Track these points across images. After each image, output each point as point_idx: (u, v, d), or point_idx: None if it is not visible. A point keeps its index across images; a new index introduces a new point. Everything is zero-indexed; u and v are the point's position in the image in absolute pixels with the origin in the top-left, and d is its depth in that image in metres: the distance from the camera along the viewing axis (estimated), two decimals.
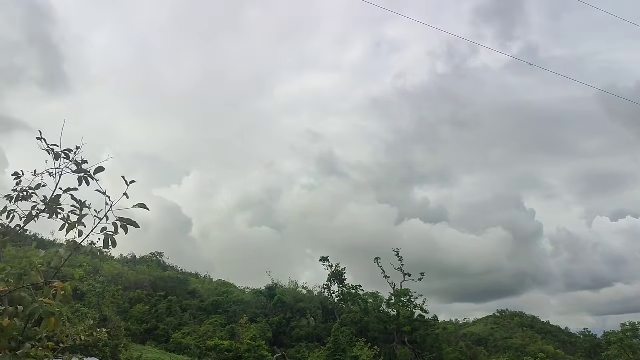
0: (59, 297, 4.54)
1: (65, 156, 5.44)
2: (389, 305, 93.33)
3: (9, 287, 4.32)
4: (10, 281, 4.32)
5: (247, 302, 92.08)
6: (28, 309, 4.36)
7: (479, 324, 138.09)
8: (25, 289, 4.35)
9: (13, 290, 4.33)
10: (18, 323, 4.61)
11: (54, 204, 5.33)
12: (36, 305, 4.31)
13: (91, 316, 46.30)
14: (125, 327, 57.77)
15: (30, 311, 4.33)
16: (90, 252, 4.80)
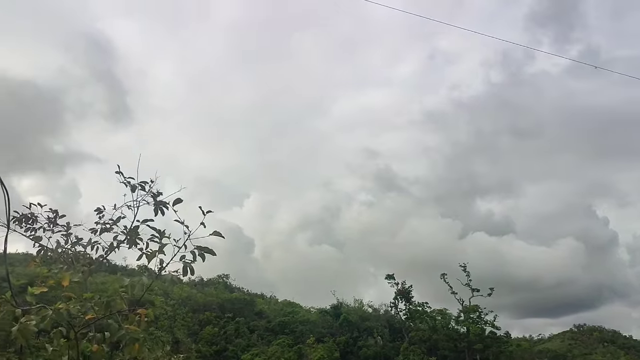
0: (142, 323, 4.75)
1: (141, 188, 5.73)
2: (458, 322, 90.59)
3: (97, 315, 4.56)
4: (98, 309, 4.56)
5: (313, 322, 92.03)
6: (115, 335, 4.59)
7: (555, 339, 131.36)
8: (112, 316, 4.59)
9: (101, 317, 4.57)
10: (105, 349, 4.87)
11: (133, 235, 5.61)
12: (122, 331, 4.53)
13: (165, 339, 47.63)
14: (196, 349, 59.10)
15: (117, 337, 4.56)
16: (170, 279, 5.01)
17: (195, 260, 4.75)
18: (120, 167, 5.64)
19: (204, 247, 4.73)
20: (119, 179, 5.80)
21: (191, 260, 4.76)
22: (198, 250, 4.75)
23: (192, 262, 4.75)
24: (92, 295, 4.60)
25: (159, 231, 5.02)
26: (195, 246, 4.76)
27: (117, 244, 5.70)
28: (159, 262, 4.97)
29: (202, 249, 4.73)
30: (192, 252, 4.75)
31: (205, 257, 4.79)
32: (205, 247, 4.73)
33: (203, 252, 4.74)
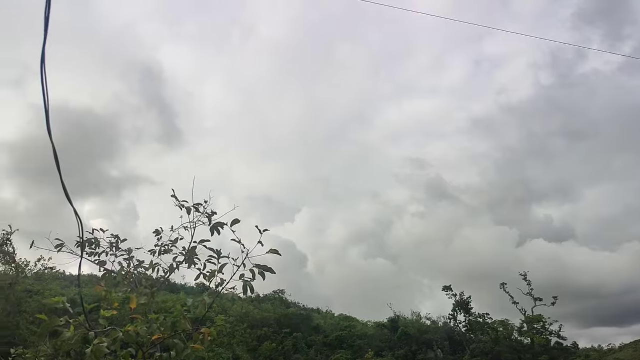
0: (205, 342, 4.87)
1: (195, 210, 5.92)
2: (521, 332, 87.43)
3: (164, 335, 4.71)
4: (164, 329, 4.72)
5: (370, 336, 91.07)
6: (180, 354, 4.72)
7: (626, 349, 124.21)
8: (177, 335, 4.73)
9: (167, 337, 4.72)
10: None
11: (191, 255, 5.79)
12: (188, 350, 4.66)
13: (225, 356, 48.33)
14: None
15: (183, 356, 4.69)
16: (231, 298, 5.12)
17: (254, 278, 4.84)
18: (174, 190, 5.85)
19: (263, 265, 4.82)
20: (174, 202, 6.02)
21: (250, 278, 4.85)
22: (257, 268, 4.84)
23: (251, 280, 4.84)
24: (157, 316, 4.76)
25: (216, 251, 5.15)
26: (254, 264, 4.85)
27: (176, 265, 5.90)
28: (218, 280, 5.10)
29: (262, 267, 4.82)
30: (251, 271, 4.85)
31: (265, 275, 4.87)
32: (264, 266, 4.81)
33: (262, 270, 4.82)
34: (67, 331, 4.22)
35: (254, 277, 4.85)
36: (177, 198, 5.68)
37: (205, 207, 5.72)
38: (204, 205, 5.72)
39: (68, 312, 4.45)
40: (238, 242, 4.96)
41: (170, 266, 5.90)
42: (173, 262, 5.88)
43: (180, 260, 5.81)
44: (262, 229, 4.96)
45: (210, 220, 5.62)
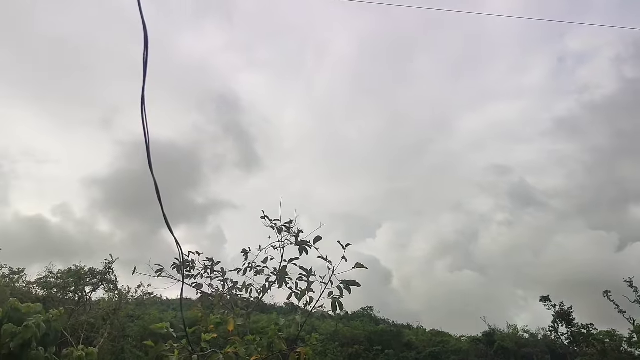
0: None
1: (286, 230, 6.07)
2: (631, 344, 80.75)
3: (261, 356, 4.85)
4: (261, 350, 4.86)
5: (465, 351, 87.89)
6: None
7: None
8: (274, 356, 4.85)
9: (264, 358, 4.86)
10: None
11: (282, 275, 5.93)
12: None
13: None
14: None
15: None
16: (321, 316, 5.19)
17: (342, 295, 4.89)
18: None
19: (349, 280, 4.86)
20: (265, 223, 6.22)
21: (339, 295, 4.90)
22: (343, 284, 4.88)
23: (340, 297, 4.89)
24: (253, 337, 4.91)
25: (307, 270, 5.26)
26: (341, 280, 4.90)
27: (269, 285, 6.06)
28: (308, 299, 5.18)
29: (347, 282, 4.86)
30: (339, 287, 4.90)
31: (351, 289, 4.90)
32: (350, 280, 4.86)
33: (348, 285, 4.86)
34: (172, 355, 4.45)
35: (342, 294, 4.90)
36: (269, 219, 5.88)
37: (292, 226, 5.87)
38: (291, 225, 5.87)
39: (171, 336, 4.69)
40: (324, 260, 5.04)
41: (264, 287, 6.07)
42: (266, 283, 6.05)
43: (272, 281, 5.96)
44: (345, 244, 5.01)
45: (297, 239, 5.75)
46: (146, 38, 2.54)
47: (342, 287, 4.90)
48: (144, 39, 2.54)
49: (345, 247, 5.00)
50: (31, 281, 38.48)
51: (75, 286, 37.00)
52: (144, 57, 2.53)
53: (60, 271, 38.10)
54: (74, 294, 37.57)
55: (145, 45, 2.52)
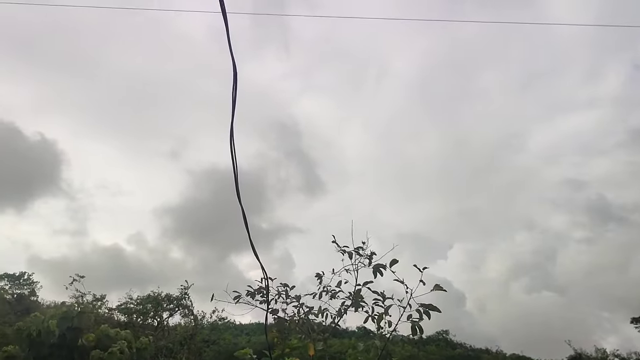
0: None
1: (357, 253, 6.10)
2: None
3: None
4: None
5: None
6: None
7: None
8: None
9: None
10: None
11: (357, 298, 5.93)
12: None
13: None
14: None
15: None
16: (400, 340, 5.14)
17: (422, 318, 4.83)
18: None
19: (429, 304, 4.80)
20: (336, 248, 6.27)
21: (418, 318, 4.85)
22: (423, 308, 4.83)
23: (419, 321, 4.84)
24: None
25: (381, 294, 5.24)
26: (420, 304, 4.85)
27: (344, 310, 6.06)
28: (387, 323, 5.16)
29: (427, 307, 4.80)
30: (418, 311, 4.85)
31: (430, 315, 4.83)
32: (430, 305, 4.79)
33: (427, 309, 4.80)
34: None
35: (421, 318, 4.84)
36: (338, 245, 5.94)
37: (364, 249, 5.89)
38: (363, 247, 5.89)
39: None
40: (401, 283, 5.01)
41: (339, 311, 6.08)
42: (341, 307, 6.06)
43: (347, 305, 5.97)
44: (421, 268, 4.97)
45: (371, 261, 5.75)
46: (235, 74, 2.70)
47: (421, 310, 4.84)
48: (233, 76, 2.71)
49: (422, 270, 4.94)
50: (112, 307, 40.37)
51: (154, 311, 38.43)
52: (233, 92, 2.69)
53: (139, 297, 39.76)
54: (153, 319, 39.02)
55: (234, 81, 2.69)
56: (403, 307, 4.97)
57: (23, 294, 48.87)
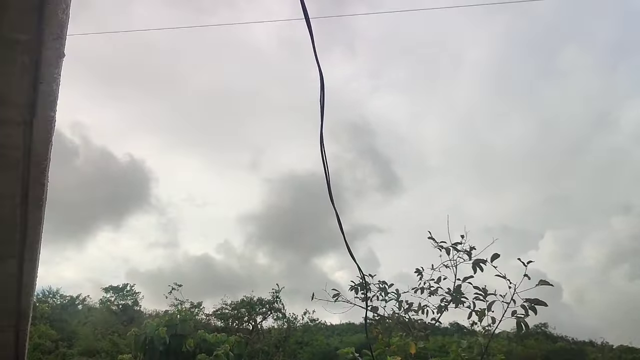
0: None
1: (454, 249, 5.96)
2: None
3: None
4: None
5: None
6: None
7: None
8: None
9: None
10: None
11: (458, 294, 5.80)
12: None
13: None
14: None
15: None
16: (506, 337, 4.97)
17: (527, 314, 4.64)
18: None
19: (534, 299, 4.60)
20: (432, 244, 6.17)
21: (523, 314, 4.66)
22: (528, 303, 4.63)
23: (524, 317, 4.65)
24: (437, 359, 4.86)
25: (483, 289, 5.09)
26: (524, 299, 4.66)
27: (445, 306, 5.95)
28: (489, 320, 5.00)
29: (532, 302, 4.60)
30: (523, 307, 4.66)
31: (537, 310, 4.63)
32: (535, 299, 4.59)
33: (533, 304, 4.59)
34: None
35: (527, 313, 4.64)
36: (435, 240, 5.84)
37: (463, 243, 5.75)
38: (462, 242, 5.76)
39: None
40: (503, 278, 4.84)
41: (439, 307, 5.99)
42: (441, 303, 5.96)
43: (448, 301, 5.86)
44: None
45: (470, 256, 5.60)
46: (322, 81, 2.74)
47: (526, 306, 4.65)
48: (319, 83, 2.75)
49: (527, 264, 4.75)
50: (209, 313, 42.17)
51: (248, 316, 39.69)
52: (321, 99, 2.73)
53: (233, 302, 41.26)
54: (248, 323, 40.34)
55: (321, 88, 2.73)
56: (507, 302, 4.79)
57: (127, 304, 52.13)
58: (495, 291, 4.96)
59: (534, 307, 4.66)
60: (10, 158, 3.11)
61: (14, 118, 2.79)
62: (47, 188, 3.50)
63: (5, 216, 3.60)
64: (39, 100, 2.72)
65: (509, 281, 4.82)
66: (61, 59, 2.58)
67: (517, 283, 4.79)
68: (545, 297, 5.00)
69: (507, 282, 4.84)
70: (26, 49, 2.44)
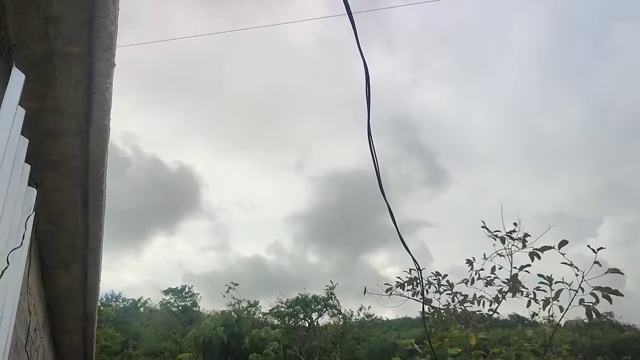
0: None
1: (509, 237, 5.79)
2: None
3: None
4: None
5: None
6: None
7: None
8: None
9: None
10: None
11: (515, 283, 5.63)
12: None
13: None
14: None
15: None
16: (575, 326, 4.79)
17: (598, 301, 4.44)
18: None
19: (607, 287, 4.39)
20: (487, 234, 6.01)
21: (592, 302, 4.46)
22: (600, 291, 4.43)
23: (594, 304, 4.45)
24: (499, 350, 4.73)
25: (548, 277, 4.91)
26: (594, 287, 4.46)
27: (502, 296, 5.79)
28: (554, 309, 4.83)
29: (606, 290, 4.39)
30: (593, 294, 4.46)
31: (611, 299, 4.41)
32: (607, 288, 4.38)
33: (607, 293, 4.38)
34: None
35: (597, 301, 4.44)
36: (488, 230, 5.69)
37: (517, 231, 5.57)
38: (515, 229, 5.58)
39: (417, 352, 4.76)
40: (570, 265, 4.65)
41: (496, 297, 5.82)
42: (498, 293, 5.80)
43: (505, 291, 5.70)
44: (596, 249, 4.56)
45: (525, 244, 5.43)
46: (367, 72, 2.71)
47: (596, 294, 4.44)
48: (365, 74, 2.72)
49: (597, 250, 4.54)
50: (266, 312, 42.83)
51: (304, 313, 40.03)
52: (367, 92, 2.70)
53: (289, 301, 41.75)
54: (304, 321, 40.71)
55: (366, 79, 2.70)
56: (575, 290, 4.60)
57: (186, 305, 53.57)
58: (563, 279, 4.76)
59: (609, 296, 4.44)
60: (70, 167, 3.23)
61: (71, 128, 2.89)
62: (105, 194, 3.62)
63: (69, 223, 3.76)
64: (93, 110, 2.81)
65: (577, 268, 4.62)
66: (112, 68, 2.65)
67: (584, 271, 4.59)
68: (609, 285, 4.80)
69: (575, 269, 4.64)
70: (79, 61, 2.53)
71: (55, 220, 3.79)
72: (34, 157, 2.85)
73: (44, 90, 2.59)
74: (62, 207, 3.61)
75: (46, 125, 2.80)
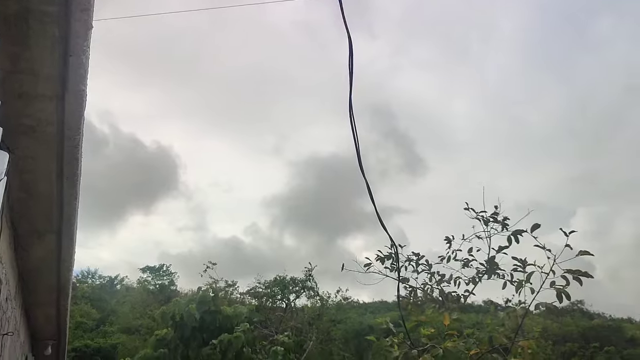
0: (526, 355, 4.71)
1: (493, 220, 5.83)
2: None
3: (481, 350, 4.72)
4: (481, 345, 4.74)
5: None
6: None
7: None
8: (495, 350, 4.69)
9: (485, 352, 4.72)
10: None
11: (492, 265, 5.70)
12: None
13: None
14: None
15: None
16: (546, 308, 4.88)
17: (568, 284, 4.52)
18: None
19: (577, 270, 4.47)
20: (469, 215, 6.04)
21: (563, 285, 4.55)
22: (570, 274, 4.51)
23: (565, 287, 4.53)
24: (472, 331, 4.81)
25: (521, 260, 4.98)
26: (565, 270, 4.54)
27: (479, 278, 5.84)
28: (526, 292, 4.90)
29: (576, 272, 4.47)
30: (564, 277, 4.55)
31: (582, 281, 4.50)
32: (577, 270, 4.47)
33: (577, 275, 4.46)
34: (394, 350, 4.58)
35: (568, 283, 4.53)
36: (474, 210, 5.73)
37: (497, 214, 5.62)
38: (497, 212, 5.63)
39: (391, 332, 4.81)
40: (542, 248, 4.72)
41: (473, 279, 5.88)
42: (475, 275, 5.85)
43: (482, 272, 5.76)
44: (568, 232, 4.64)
45: (505, 227, 5.48)
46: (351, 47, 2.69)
47: (567, 276, 4.52)
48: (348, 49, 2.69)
49: (568, 234, 4.61)
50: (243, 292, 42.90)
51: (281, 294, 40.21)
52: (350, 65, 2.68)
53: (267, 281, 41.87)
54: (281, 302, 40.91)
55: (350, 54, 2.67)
56: (546, 273, 4.68)
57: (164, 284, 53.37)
58: (535, 261, 4.83)
59: (579, 278, 4.52)
60: (44, 133, 3.14)
61: (46, 92, 2.81)
62: (81, 163, 3.54)
63: (43, 191, 3.68)
64: (69, 74, 2.72)
65: (549, 251, 4.70)
66: (90, 30, 2.56)
67: (556, 255, 4.66)
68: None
69: (547, 252, 4.72)
70: (55, 21, 2.43)
71: (29, 189, 3.71)
72: (6, 121, 2.77)
73: (17, 51, 2.51)
74: (36, 175, 3.53)
75: (19, 87, 2.72)
